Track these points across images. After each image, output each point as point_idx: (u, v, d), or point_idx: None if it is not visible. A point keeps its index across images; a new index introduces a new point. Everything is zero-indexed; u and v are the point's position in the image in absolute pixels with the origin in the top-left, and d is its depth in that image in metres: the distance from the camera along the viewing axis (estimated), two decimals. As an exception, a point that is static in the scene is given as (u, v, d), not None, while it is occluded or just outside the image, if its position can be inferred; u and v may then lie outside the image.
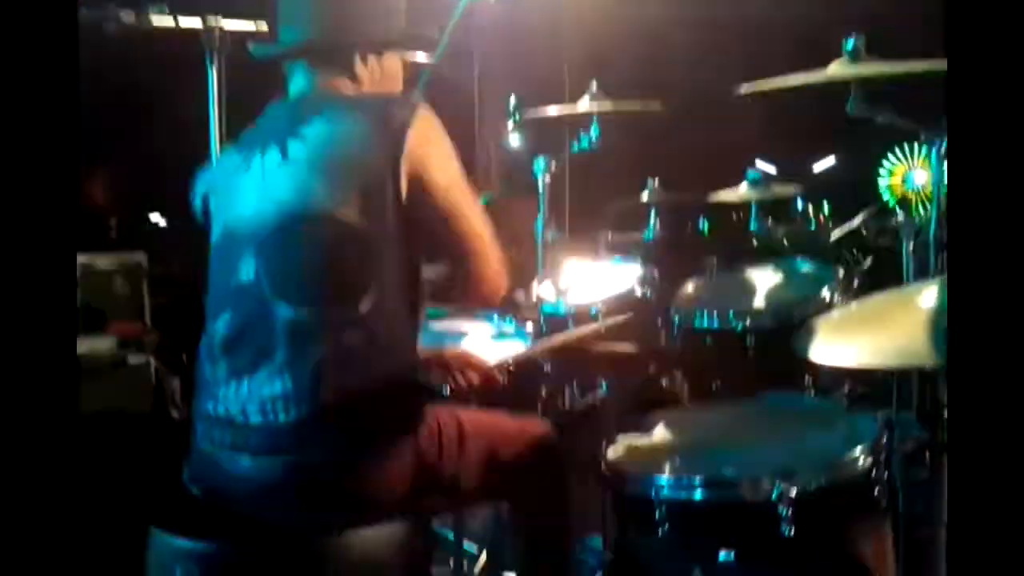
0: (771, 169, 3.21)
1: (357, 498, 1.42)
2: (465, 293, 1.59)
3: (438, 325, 2.35)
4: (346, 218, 1.45)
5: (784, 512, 1.41)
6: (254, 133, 1.60)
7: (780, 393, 1.83)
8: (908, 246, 2.28)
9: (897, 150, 3.65)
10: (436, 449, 1.54)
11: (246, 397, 1.46)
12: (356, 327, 1.45)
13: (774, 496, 1.41)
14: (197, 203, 1.66)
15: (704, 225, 2.90)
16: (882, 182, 3.51)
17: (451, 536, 2.31)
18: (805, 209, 3.12)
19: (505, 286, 1.61)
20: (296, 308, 1.45)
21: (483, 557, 2.49)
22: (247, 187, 1.53)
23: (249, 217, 1.51)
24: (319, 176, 1.47)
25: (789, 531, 1.41)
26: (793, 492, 1.42)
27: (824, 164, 2.62)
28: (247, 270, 1.49)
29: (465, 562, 2.44)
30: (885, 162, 3.79)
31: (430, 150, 1.50)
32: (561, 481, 1.73)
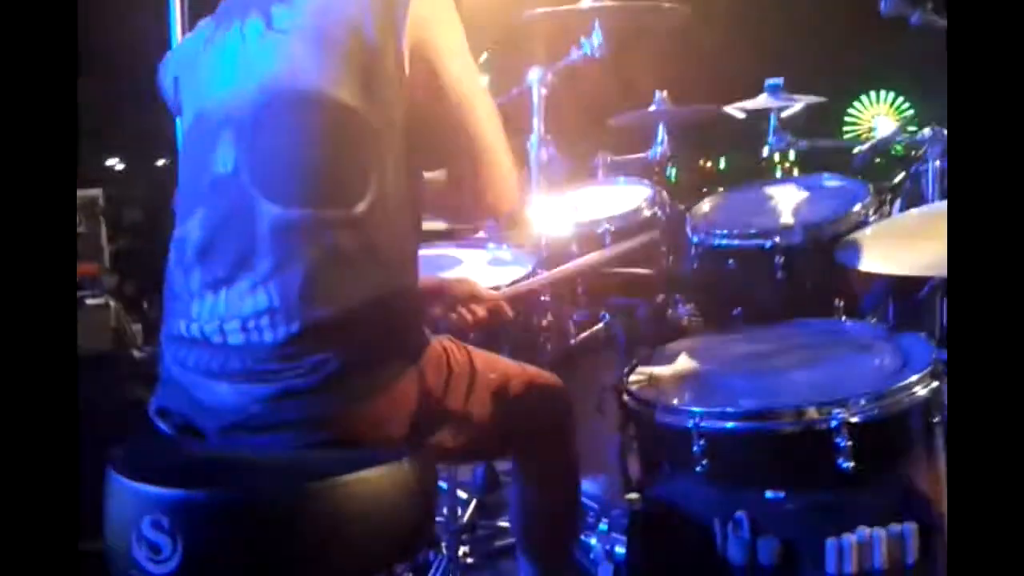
0: (739, 114, 3.05)
1: (355, 432, 1.23)
2: (468, 203, 1.37)
3: (427, 251, 2.14)
4: (342, 99, 1.22)
5: (842, 443, 1.25)
6: (233, 1, 1.35)
7: (817, 318, 1.66)
8: (934, 163, 2.12)
9: (864, 98, 3.51)
10: (444, 381, 1.34)
11: (224, 313, 1.24)
12: (353, 231, 1.23)
13: (833, 425, 1.25)
14: (167, 88, 1.41)
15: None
16: (848, 129, 3.37)
17: (443, 485, 2.16)
18: (771, 155, 2.96)
19: (514, 198, 1.40)
20: (283, 206, 1.22)
21: (473, 505, 2.36)
22: (224, 62, 1.29)
23: (226, 97, 1.27)
24: (310, 48, 1.24)
25: (848, 464, 1.25)
26: (855, 420, 1.25)
27: (792, 109, 2.48)
28: (224, 160, 1.26)
29: (459, 509, 2.30)
30: (851, 110, 3.67)
31: (439, 17, 1.27)
32: (571, 433, 1.56)
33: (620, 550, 1.89)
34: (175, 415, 1.31)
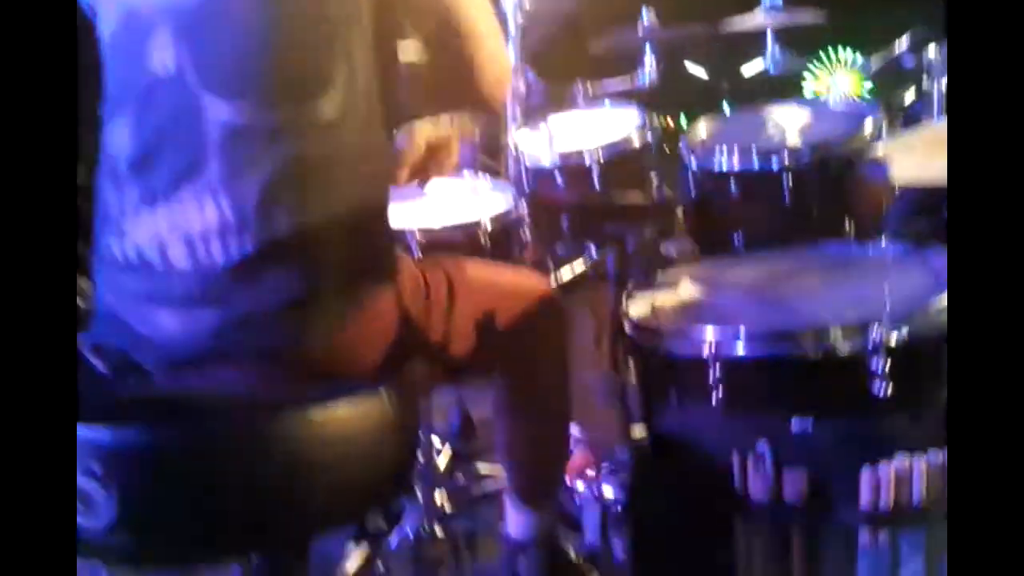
0: (701, 72, 2.92)
1: (324, 361, 1.06)
2: (465, 83, 1.21)
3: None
4: None
5: (877, 367, 1.11)
6: None
7: (835, 241, 1.52)
8: (940, 82, 2.00)
9: (822, 54, 3.44)
10: (422, 305, 1.19)
11: (166, 231, 1.07)
12: (317, 134, 1.07)
13: (867, 347, 1.11)
14: None
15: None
16: (807, 86, 3.31)
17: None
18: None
19: (509, 82, 1.25)
20: (236, 106, 1.06)
21: (447, 450, 2.20)
22: None
23: None
24: None
25: (883, 389, 1.11)
26: (891, 341, 1.11)
27: (753, 68, 2.37)
28: (163, 59, 1.09)
29: (434, 454, 2.15)
30: (810, 66, 3.60)
31: None
32: (564, 351, 1.43)
33: (609, 492, 1.77)
34: (112, 351, 1.13)
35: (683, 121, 3.02)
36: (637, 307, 1.39)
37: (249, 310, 1.04)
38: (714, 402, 1.17)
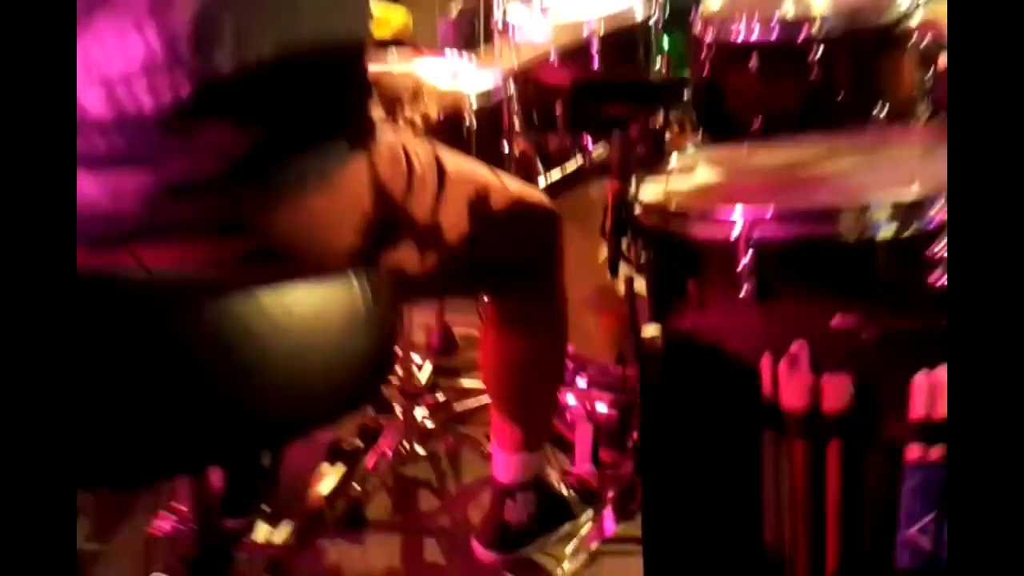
0: None
1: (282, 239, 0.88)
2: None
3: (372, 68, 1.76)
4: None
5: (937, 254, 0.94)
6: None
7: (871, 121, 1.34)
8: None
9: None
10: (405, 182, 1.01)
11: (80, 73, 0.86)
12: None
13: (928, 227, 0.94)
14: None
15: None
16: None
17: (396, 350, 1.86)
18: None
19: None
20: None
21: (427, 366, 2.07)
22: None
23: None
24: None
25: (943, 280, 0.95)
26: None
27: None
28: None
29: (414, 369, 2.01)
30: None
31: None
32: (561, 267, 1.31)
33: (601, 407, 1.64)
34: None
35: (665, 43, 2.81)
36: (649, 193, 1.21)
37: (185, 174, 0.85)
38: (743, 294, 1.00)
